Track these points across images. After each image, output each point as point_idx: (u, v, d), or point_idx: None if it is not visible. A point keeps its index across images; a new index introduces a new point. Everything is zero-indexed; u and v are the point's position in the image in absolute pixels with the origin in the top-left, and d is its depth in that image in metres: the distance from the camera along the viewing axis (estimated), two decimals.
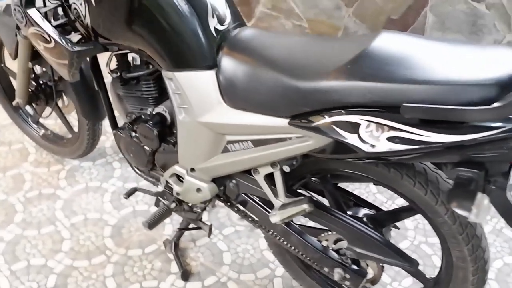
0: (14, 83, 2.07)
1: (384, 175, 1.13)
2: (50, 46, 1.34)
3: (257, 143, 1.18)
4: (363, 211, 1.32)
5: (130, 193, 1.60)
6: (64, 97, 1.91)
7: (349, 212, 1.29)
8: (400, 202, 1.89)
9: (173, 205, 1.46)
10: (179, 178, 1.43)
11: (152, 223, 1.46)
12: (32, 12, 1.31)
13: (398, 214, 1.31)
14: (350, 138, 0.95)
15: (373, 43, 0.98)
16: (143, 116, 1.47)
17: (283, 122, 1.08)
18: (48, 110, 1.94)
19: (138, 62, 1.36)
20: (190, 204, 1.49)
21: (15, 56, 1.72)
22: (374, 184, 1.24)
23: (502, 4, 2.20)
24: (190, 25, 1.18)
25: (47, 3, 1.38)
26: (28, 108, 2.03)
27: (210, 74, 1.19)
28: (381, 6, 2.50)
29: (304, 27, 2.82)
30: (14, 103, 1.87)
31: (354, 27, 2.65)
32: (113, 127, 1.60)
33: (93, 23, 1.25)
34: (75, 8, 1.27)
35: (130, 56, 1.36)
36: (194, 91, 1.22)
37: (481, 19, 2.27)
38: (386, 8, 2.49)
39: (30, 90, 1.86)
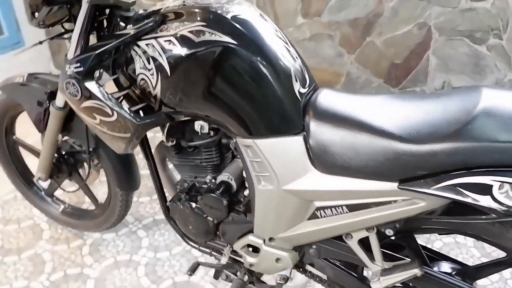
0: (25, 155, 1.94)
1: (488, 230, 1.11)
2: (111, 120, 1.24)
3: (353, 207, 1.13)
4: (448, 265, 1.28)
5: (193, 269, 1.47)
6: (85, 167, 1.79)
7: (435, 268, 1.26)
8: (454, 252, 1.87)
9: (246, 277, 1.36)
10: (252, 248, 1.34)
11: None
12: (91, 85, 1.21)
13: (490, 267, 1.29)
14: (483, 200, 0.92)
15: (483, 101, 0.97)
16: (205, 185, 1.39)
17: (391, 186, 1.05)
18: (68, 181, 1.79)
19: (206, 130, 1.28)
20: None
21: (44, 129, 1.59)
22: (465, 236, 1.22)
23: (502, 45, 2.33)
24: (276, 90, 1.14)
25: (105, 75, 1.29)
26: (40, 182, 1.87)
27: (298, 140, 1.14)
28: (383, 52, 2.58)
29: None
30: (35, 178, 1.72)
31: (356, 73, 2.71)
32: (162, 198, 1.49)
33: (163, 93, 1.17)
34: (142, 79, 1.19)
35: (198, 124, 1.28)
36: (279, 158, 1.17)
37: (482, 60, 2.39)
38: (388, 54, 2.58)
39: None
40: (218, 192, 1.33)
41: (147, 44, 1.16)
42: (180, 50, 1.12)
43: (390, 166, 1.04)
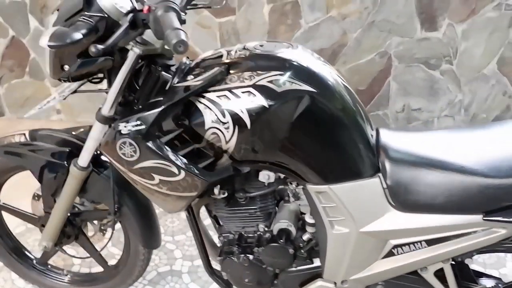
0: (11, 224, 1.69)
1: None
2: (176, 179, 1.14)
3: (433, 242, 1.18)
4: (491, 282, 1.39)
5: None
6: (90, 227, 1.61)
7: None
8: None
9: None
10: None
11: None
12: (155, 144, 1.11)
13: None
14: None
15: None
16: (255, 235, 1.33)
17: (475, 218, 1.11)
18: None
19: (272, 179, 1.24)
20: None
21: (54, 194, 1.40)
22: None
23: (453, 70, 2.61)
24: (354, 135, 1.16)
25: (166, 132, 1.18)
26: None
27: (374, 182, 1.17)
28: (348, 79, 2.70)
29: None
30: (40, 248, 1.50)
31: None
32: (204, 253, 1.40)
33: (237, 146, 1.12)
34: (213, 133, 1.11)
35: (264, 174, 1.23)
36: (356, 202, 1.18)
37: (436, 83, 2.65)
38: (352, 81, 2.72)
39: None
40: (281, 241, 1.29)
41: (219, 96, 1.10)
42: (262, 101, 1.08)
43: (474, 200, 1.11)
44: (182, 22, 0.96)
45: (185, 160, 1.13)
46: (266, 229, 1.34)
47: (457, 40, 2.53)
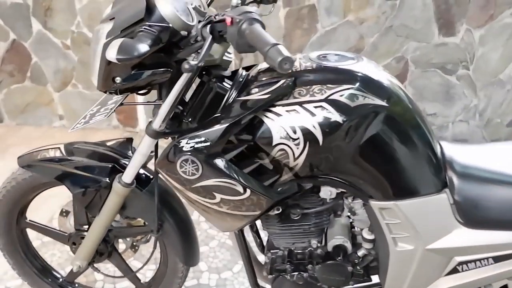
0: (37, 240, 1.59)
1: None
2: (240, 198, 1.08)
3: (500, 258, 1.15)
4: None
5: None
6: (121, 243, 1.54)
7: None
8: None
9: None
10: None
11: None
12: (221, 162, 1.04)
13: None
14: None
15: None
16: (305, 251, 1.29)
17: None
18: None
19: (334, 195, 1.19)
20: None
21: (90, 211, 1.33)
22: None
23: (469, 75, 2.60)
24: (424, 149, 1.12)
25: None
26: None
27: (442, 198, 1.13)
28: None
29: None
30: (74, 268, 1.41)
31: None
32: (251, 271, 1.35)
33: (305, 162, 1.06)
34: (281, 150, 1.05)
35: (326, 190, 1.18)
36: (423, 218, 1.14)
37: (452, 88, 2.64)
38: None
39: None
40: (339, 258, 1.24)
41: (288, 111, 1.04)
42: (336, 117, 1.03)
43: None
44: None
45: (250, 178, 1.07)
46: (318, 244, 1.29)
47: (474, 45, 2.53)
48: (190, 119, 1.20)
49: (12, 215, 1.49)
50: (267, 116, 1.06)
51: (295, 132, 1.04)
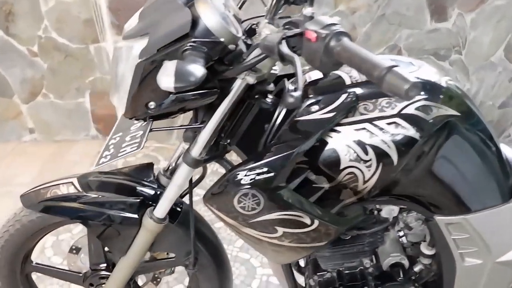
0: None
1: None
2: (306, 230, 0.96)
3: None
4: None
5: None
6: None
7: None
8: None
9: None
10: None
11: None
12: (288, 194, 0.91)
13: None
14: None
15: None
16: (352, 271, 1.20)
17: None
18: None
19: (396, 214, 1.09)
20: None
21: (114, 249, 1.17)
22: None
23: (462, 60, 2.58)
24: (494, 157, 1.03)
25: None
26: None
27: (510, 207, 1.06)
28: None
29: None
30: None
31: None
32: None
33: (376, 183, 0.95)
34: (350, 173, 0.94)
35: (388, 210, 1.07)
36: (493, 230, 1.06)
37: (446, 74, 2.60)
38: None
39: None
40: (400, 278, 1.15)
41: (357, 130, 0.92)
42: (412, 133, 0.92)
43: None
44: None
45: (317, 208, 0.95)
46: (370, 263, 1.20)
47: (466, 29, 2.50)
48: (228, 141, 1.06)
49: (16, 261, 1.30)
50: (331, 137, 0.93)
51: (366, 153, 0.92)
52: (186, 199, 1.22)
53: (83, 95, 2.71)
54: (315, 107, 0.94)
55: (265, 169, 0.90)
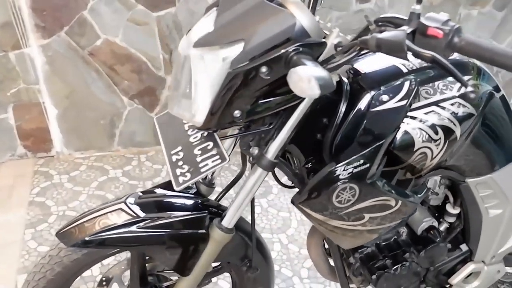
0: None
1: None
2: (389, 212, 1.02)
3: None
4: None
5: None
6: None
7: None
8: None
9: None
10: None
11: None
12: (378, 181, 0.96)
13: None
14: None
15: None
16: (403, 238, 1.32)
17: None
18: None
19: (438, 183, 1.20)
20: None
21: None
22: None
23: None
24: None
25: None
26: None
27: None
28: None
29: None
30: None
31: None
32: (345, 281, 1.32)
33: (440, 159, 1.05)
34: (422, 153, 1.01)
35: (433, 180, 1.18)
36: (509, 183, 1.25)
37: None
38: None
39: None
40: (438, 239, 1.29)
41: (426, 113, 1.01)
42: (471, 110, 1.04)
43: None
44: None
45: (399, 190, 1.02)
46: (404, 231, 1.32)
47: (385, 8, 2.75)
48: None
49: None
50: (403, 122, 1.00)
51: (436, 133, 1.01)
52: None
53: (5, 110, 2.37)
54: (385, 97, 1.00)
55: (361, 161, 0.94)
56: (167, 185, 1.16)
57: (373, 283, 1.30)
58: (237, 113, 0.90)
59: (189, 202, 1.11)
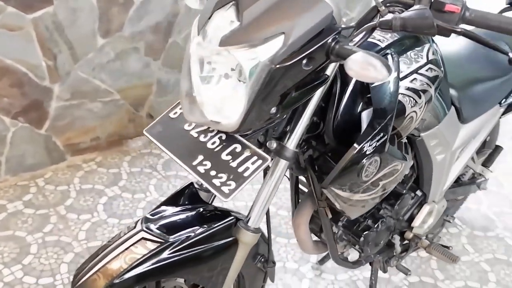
0: None
1: None
2: (396, 176, 1.13)
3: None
4: None
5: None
6: None
7: None
8: None
9: (426, 242, 1.59)
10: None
11: None
12: (394, 149, 1.04)
13: None
14: None
15: None
16: None
17: None
18: None
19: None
20: None
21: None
22: None
23: None
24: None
25: None
26: None
27: (452, 111, 1.48)
28: (185, 47, 2.63)
29: (117, 99, 2.49)
30: None
31: (166, 77, 2.64)
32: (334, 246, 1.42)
33: (420, 118, 1.19)
34: (410, 117, 1.12)
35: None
36: (449, 130, 1.47)
37: None
38: None
39: None
40: (404, 192, 1.44)
41: (411, 81, 1.12)
42: (438, 72, 1.18)
43: None
44: None
45: (401, 153, 1.12)
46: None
47: None
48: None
49: None
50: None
51: (420, 97, 1.14)
52: None
53: None
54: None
55: (381, 134, 1.01)
56: (171, 201, 1.07)
57: (360, 244, 1.41)
58: (273, 109, 0.87)
59: (204, 213, 1.05)
